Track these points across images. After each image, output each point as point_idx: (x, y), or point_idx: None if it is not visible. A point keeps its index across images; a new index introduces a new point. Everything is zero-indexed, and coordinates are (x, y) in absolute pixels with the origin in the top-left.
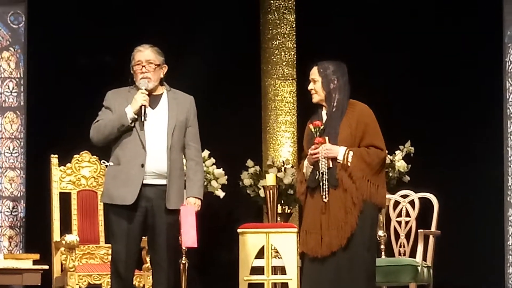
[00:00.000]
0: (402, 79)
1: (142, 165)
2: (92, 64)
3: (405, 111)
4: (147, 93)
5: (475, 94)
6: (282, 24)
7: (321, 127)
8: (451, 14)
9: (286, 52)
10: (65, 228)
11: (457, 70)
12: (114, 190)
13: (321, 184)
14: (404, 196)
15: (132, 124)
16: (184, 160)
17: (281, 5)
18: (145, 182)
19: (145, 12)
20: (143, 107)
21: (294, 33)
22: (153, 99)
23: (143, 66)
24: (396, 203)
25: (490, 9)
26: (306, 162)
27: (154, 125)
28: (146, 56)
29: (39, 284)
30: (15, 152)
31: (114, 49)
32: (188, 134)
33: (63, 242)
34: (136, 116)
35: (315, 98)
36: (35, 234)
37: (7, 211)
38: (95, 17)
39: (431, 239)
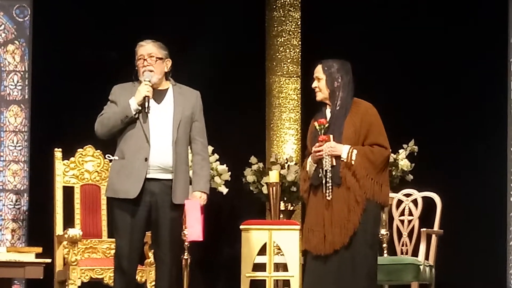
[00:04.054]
0: (406, 77)
1: (146, 159)
2: (96, 58)
3: (409, 110)
4: (150, 84)
5: (479, 94)
6: (287, 21)
7: (326, 125)
8: (456, 14)
9: (291, 49)
10: (68, 222)
11: (462, 70)
12: (118, 184)
13: (324, 182)
14: (407, 195)
15: (136, 116)
16: (190, 155)
17: (286, 2)
18: (149, 176)
19: (150, 9)
20: (146, 98)
21: (299, 31)
22: (159, 94)
23: (144, 59)
24: (399, 202)
25: (495, 9)
26: (309, 160)
27: (159, 119)
28: (147, 50)
29: (42, 278)
30: (19, 146)
31: (119, 44)
32: (195, 128)
33: (66, 236)
34: (140, 108)
35: (319, 96)
36: (38, 228)
37: (10, 204)
38: (100, 11)
39: (434, 238)
